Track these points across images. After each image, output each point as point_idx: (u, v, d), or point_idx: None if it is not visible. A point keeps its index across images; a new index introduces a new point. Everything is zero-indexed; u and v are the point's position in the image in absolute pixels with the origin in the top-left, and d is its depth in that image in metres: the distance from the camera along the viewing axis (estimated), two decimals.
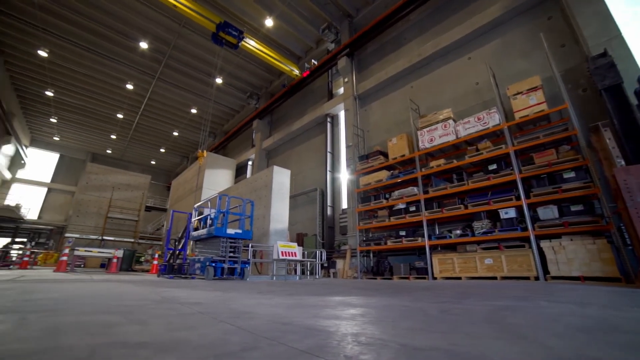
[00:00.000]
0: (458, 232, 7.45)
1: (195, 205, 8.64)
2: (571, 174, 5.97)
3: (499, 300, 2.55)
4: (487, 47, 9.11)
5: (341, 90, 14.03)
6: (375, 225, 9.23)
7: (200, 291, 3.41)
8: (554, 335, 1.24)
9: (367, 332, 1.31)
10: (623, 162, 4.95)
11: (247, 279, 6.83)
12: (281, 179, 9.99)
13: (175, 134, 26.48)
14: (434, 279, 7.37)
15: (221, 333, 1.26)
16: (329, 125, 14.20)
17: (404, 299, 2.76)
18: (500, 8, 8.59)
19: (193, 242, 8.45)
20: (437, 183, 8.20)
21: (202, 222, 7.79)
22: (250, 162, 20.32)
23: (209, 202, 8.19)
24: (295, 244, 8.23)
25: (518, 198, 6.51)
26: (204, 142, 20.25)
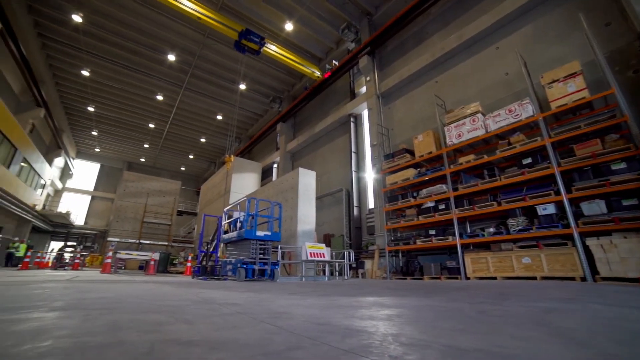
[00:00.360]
0: (491, 230, 7.14)
1: (225, 209, 8.93)
2: (621, 165, 5.47)
3: (542, 302, 2.42)
4: (517, 35, 8.65)
5: (363, 89, 13.92)
6: (404, 225, 9.06)
7: (235, 292, 3.53)
8: (615, 342, 1.15)
9: (406, 333, 1.31)
10: None
11: (277, 280, 6.96)
12: (307, 180, 10.09)
13: (202, 140, 27.57)
14: (467, 279, 7.11)
15: (264, 333, 1.31)
16: (352, 125, 14.13)
17: (439, 300, 2.70)
18: None
19: (224, 244, 8.75)
20: (467, 180, 7.90)
21: (231, 225, 8.03)
22: (275, 165, 20.69)
23: (238, 206, 8.43)
24: (324, 245, 8.27)
25: (557, 193, 6.09)
26: (230, 147, 20.92)
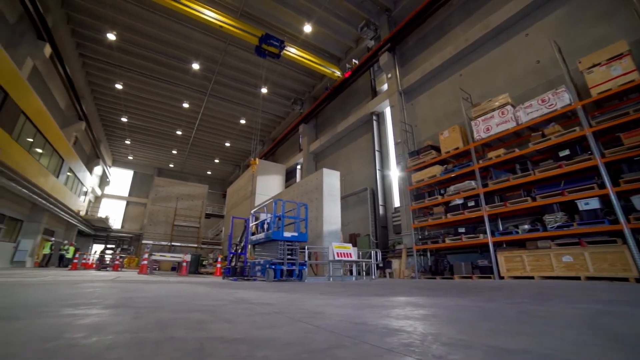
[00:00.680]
0: (526, 227, 6.78)
1: (252, 211, 9.15)
2: None
3: (591, 304, 2.27)
4: (549, 19, 8.16)
5: (385, 86, 13.72)
6: (431, 223, 8.84)
7: (266, 292, 3.62)
8: None
9: (445, 333, 1.29)
10: None
11: (305, 281, 7.03)
12: (331, 180, 10.10)
13: (227, 144, 28.40)
14: (501, 278, 6.80)
15: (303, 332, 1.34)
16: (374, 123, 13.98)
17: (474, 299, 2.62)
18: None
19: (251, 245, 8.97)
20: (497, 175, 7.57)
21: (259, 227, 8.22)
22: (299, 166, 20.92)
23: (264, 207, 8.61)
24: (350, 245, 8.25)
25: (602, 186, 5.67)
26: (254, 150, 21.39)
